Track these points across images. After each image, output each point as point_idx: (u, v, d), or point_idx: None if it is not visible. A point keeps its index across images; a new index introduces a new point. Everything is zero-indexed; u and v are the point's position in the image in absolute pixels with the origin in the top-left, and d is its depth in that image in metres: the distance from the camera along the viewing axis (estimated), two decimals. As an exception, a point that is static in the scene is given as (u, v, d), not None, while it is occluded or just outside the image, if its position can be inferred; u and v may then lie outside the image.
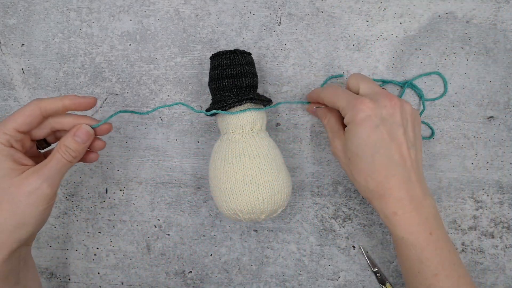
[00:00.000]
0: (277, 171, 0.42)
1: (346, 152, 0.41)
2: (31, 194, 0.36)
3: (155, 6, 0.50)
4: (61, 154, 0.37)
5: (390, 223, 0.40)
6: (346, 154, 0.41)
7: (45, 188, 0.36)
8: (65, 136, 0.38)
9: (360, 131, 0.39)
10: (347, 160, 0.41)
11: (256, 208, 0.40)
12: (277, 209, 0.42)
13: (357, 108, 0.39)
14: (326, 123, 0.45)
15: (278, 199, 0.41)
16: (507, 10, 0.49)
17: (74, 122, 0.39)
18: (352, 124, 0.39)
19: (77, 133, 0.38)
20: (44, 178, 0.36)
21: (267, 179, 0.41)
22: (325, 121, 0.45)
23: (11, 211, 0.35)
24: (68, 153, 0.38)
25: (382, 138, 0.38)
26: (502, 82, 0.49)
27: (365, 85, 0.42)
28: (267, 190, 0.41)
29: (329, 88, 0.43)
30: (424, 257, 0.38)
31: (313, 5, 0.50)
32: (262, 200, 0.40)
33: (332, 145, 0.44)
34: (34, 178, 0.36)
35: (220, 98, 0.42)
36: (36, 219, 0.37)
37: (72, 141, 0.38)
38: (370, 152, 0.39)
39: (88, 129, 0.39)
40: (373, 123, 0.38)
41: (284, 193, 0.42)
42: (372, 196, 0.40)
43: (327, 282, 0.50)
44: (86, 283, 0.51)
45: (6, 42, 0.51)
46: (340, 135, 0.43)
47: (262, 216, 0.41)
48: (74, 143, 0.38)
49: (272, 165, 0.41)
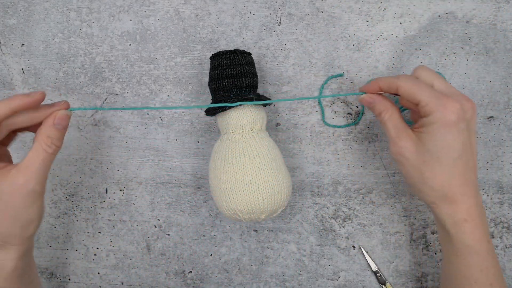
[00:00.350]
0: (277, 171, 0.42)
1: (422, 154, 0.38)
2: (24, 196, 0.36)
3: (155, 6, 0.50)
4: (44, 147, 0.36)
5: (458, 230, 0.38)
6: (421, 156, 0.38)
7: (35, 185, 0.36)
8: (44, 127, 0.37)
9: (448, 133, 0.36)
10: (419, 162, 0.38)
11: (256, 208, 0.40)
12: (277, 209, 0.42)
13: (448, 109, 0.36)
14: (387, 118, 0.40)
15: (278, 199, 0.41)
16: (507, 10, 0.49)
17: (32, 118, 0.37)
18: (439, 124, 0.36)
19: (57, 120, 0.37)
20: (32, 176, 0.36)
21: (267, 179, 0.41)
22: (385, 116, 0.40)
23: (13, 216, 0.36)
24: (52, 143, 0.36)
25: (464, 143, 0.37)
26: (502, 82, 0.49)
27: (441, 82, 0.39)
28: (267, 190, 0.40)
29: (408, 78, 0.39)
30: (484, 266, 0.38)
31: (313, 5, 0.50)
32: (262, 200, 0.40)
33: (397, 144, 0.39)
34: (22, 179, 0.35)
35: (220, 98, 0.42)
36: (38, 215, 0.37)
37: (54, 130, 0.37)
38: (452, 156, 0.37)
39: (67, 113, 0.37)
40: (460, 126, 0.36)
41: (284, 193, 0.42)
42: (442, 202, 0.38)
43: (327, 282, 0.50)
44: (86, 283, 0.51)
45: (6, 42, 0.51)
46: (409, 134, 0.39)
47: (262, 216, 0.41)
48: (56, 131, 0.37)
49: (272, 165, 0.41)
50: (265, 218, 0.42)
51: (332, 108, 0.50)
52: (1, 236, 0.37)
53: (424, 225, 0.50)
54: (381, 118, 0.41)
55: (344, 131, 0.50)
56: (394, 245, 0.50)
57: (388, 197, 0.50)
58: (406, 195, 0.50)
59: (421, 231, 0.50)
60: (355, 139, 0.50)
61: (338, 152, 0.50)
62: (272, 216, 0.43)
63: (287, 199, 0.43)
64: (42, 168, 0.36)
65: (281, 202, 0.42)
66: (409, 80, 0.38)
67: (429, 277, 0.50)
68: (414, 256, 0.50)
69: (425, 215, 0.50)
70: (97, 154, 0.51)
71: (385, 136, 0.50)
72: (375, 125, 0.50)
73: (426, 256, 0.50)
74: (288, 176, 0.43)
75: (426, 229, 0.50)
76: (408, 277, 0.50)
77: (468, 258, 0.38)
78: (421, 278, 0.50)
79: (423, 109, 0.37)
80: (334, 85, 0.50)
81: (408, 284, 0.50)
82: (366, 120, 0.50)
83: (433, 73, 0.39)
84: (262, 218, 0.42)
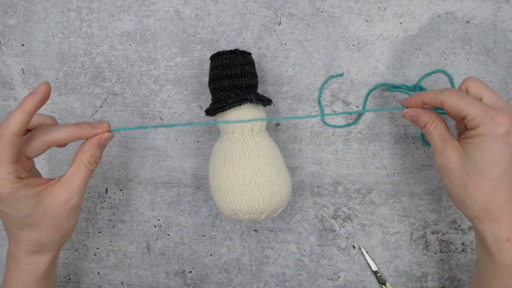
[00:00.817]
0: (277, 171, 0.42)
1: (467, 165, 0.37)
2: (67, 210, 0.38)
3: (155, 6, 0.50)
4: (86, 164, 0.39)
5: (499, 249, 0.37)
6: (465, 167, 0.37)
7: (77, 200, 0.39)
8: (88, 146, 0.39)
9: (495, 146, 0.35)
10: (463, 174, 0.37)
11: (256, 208, 0.40)
12: (277, 209, 0.42)
13: (498, 121, 0.35)
14: (432, 129, 0.40)
15: (278, 199, 0.41)
16: (507, 10, 0.49)
17: (75, 136, 0.39)
18: (488, 137, 0.35)
19: (102, 141, 0.39)
20: (75, 191, 0.38)
21: (267, 179, 0.41)
22: (431, 127, 0.40)
23: (56, 227, 0.39)
24: (94, 162, 0.39)
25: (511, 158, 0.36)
26: (502, 82, 0.49)
27: (491, 95, 0.38)
28: (267, 190, 0.40)
29: (453, 93, 0.38)
30: None
31: (313, 5, 0.50)
32: (262, 200, 0.40)
33: (442, 154, 0.38)
34: (65, 194, 0.38)
35: (220, 98, 0.42)
36: (73, 226, 0.41)
37: (98, 150, 0.39)
38: (498, 170, 0.36)
39: (111, 135, 0.40)
40: (509, 140, 0.35)
41: (284, 193, 0.42)
42: (484, 218, 0.37)
43: (327, 282, 0.50)
44: (86, 283, 0.51)
45: (6, 42, 0.51)
46: (455, 145, 0.38)
47: (262, 216, 0.42)
48: (100, 150, 0.39)
49: (272, 165, 0.41)
50: (265, 218, 0.42)
51: (332, 108, 0.50)
52: (44, 244, 0.40)
53: (424, 225, 0.50)
54: (426, 130, 0.40)
55: (344, 131, 0.50)
56: (394, 245, 0.50)
57: (388, 197, 0.50)
58: (406, 195, 0.50)
59: (421, 231, 0.50)
60: (355, 139, 0.50)
61: (338, 152, 0.50)
62: (272, 216, 0.43)
63: (287, 199, 0.43)
64: (83, 184, 0.39)
65: (281, 202, 0.42)
66: (455, 95, 0.38)
67: (429, 277, 0.50)
68: (414, 256, 0.50)
69: (425, 215, 0.50)
70: (97, 154, 0.51)
71: (385, 136, 0.50)
72: (375, 125, 0.50)
73: (426, 256, 0.50)
74: (288, 176, 0.43)
75: (426, 229, 0.50)
76: (408, 277, 0.50)
77: (507, 280, 0.37)
78: (421, 278, 0.50)
79: (470, 123, 0.37)
80: (334, 85, 0.50)
81: (408, 284, 0.50)
82: (366, 120, 0.50)
83: (484, 85, 0.39)
84: (262, 218, 0.42)
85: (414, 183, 0.50)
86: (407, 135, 0.50)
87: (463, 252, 0.50)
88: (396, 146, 0.50)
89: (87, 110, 0.51)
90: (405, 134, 0.50)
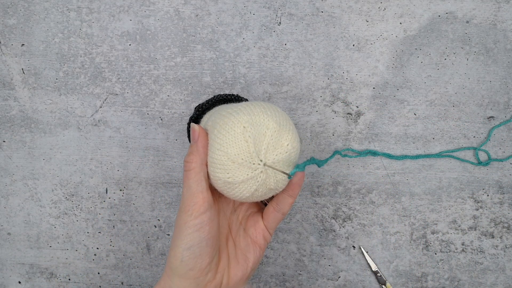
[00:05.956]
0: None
1: None
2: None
3: (155, 6, 0.50)
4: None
5: None
6: None
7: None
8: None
9: None
10: None
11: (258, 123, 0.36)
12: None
13: None
14: None
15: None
16: (507, 10, 0.49)
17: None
18: None
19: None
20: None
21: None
22: None
23: None
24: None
25: None
26: (502, 82, 0.49)
27: None
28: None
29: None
30: None
31: (313, 5, 0.50)
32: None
33: None
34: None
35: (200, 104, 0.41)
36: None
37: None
38: None
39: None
40: None
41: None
42: None
43: (327, 282, 0.50)
44: (86, 283, 0.51)
45: (6, 42, 0.51)
46: None
47: (268, 132, 0.36)
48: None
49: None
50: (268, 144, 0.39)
51: (332, 108, 0.50)
52: None
53: (424, 225, 0.50)
54: None
55: (344, 131, 0.50)
56: (394, 245, 0.50)
57: (388, 197, 0.50)
58: (406, 195, 0.50)
59: (421, 231, 0.50)
60: (355, 139, 0.50)
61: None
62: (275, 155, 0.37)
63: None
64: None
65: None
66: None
67: (429, 277, 0.50)
68: (414, 256, 0.50)
69: (425, 215, 0.50)
70: (97, 154, 0.51)
71: (385, 136, 0.50)
72: (375, 125, 0.50)
73: (426, 256, 0.50)
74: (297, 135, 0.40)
75: (426, 229, 0.50)
76: (408, 277, 0.50)
77: None
78: (421, 278, 0.50)
79: None
80: (334, 85, 0.50)
81: (408, 284, 0.50)
82: (366, 120, 0.50)
83: None
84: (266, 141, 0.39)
85: (414, 183, 0.50)
86: (407, 135, 0.50)
87: (463, 252, 0.50)
88: (396, 146, 0.50)
89: (87, 110, 0.51)
90: (405, 134, 0.50)
